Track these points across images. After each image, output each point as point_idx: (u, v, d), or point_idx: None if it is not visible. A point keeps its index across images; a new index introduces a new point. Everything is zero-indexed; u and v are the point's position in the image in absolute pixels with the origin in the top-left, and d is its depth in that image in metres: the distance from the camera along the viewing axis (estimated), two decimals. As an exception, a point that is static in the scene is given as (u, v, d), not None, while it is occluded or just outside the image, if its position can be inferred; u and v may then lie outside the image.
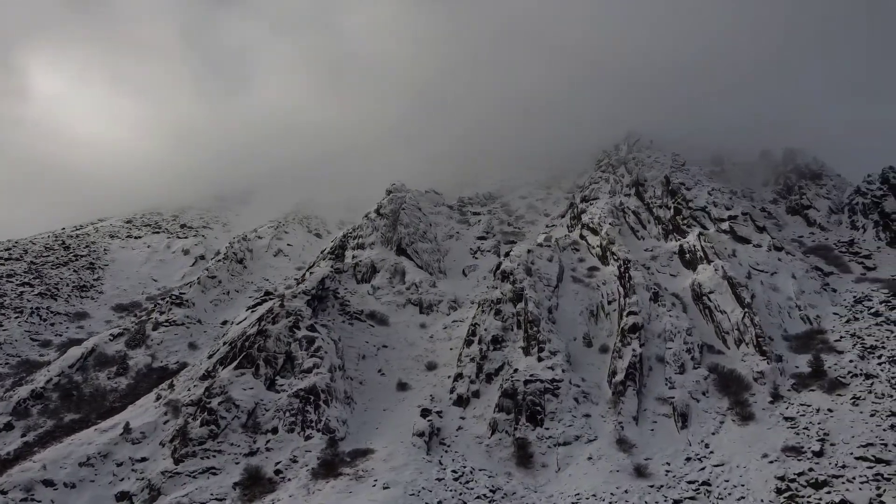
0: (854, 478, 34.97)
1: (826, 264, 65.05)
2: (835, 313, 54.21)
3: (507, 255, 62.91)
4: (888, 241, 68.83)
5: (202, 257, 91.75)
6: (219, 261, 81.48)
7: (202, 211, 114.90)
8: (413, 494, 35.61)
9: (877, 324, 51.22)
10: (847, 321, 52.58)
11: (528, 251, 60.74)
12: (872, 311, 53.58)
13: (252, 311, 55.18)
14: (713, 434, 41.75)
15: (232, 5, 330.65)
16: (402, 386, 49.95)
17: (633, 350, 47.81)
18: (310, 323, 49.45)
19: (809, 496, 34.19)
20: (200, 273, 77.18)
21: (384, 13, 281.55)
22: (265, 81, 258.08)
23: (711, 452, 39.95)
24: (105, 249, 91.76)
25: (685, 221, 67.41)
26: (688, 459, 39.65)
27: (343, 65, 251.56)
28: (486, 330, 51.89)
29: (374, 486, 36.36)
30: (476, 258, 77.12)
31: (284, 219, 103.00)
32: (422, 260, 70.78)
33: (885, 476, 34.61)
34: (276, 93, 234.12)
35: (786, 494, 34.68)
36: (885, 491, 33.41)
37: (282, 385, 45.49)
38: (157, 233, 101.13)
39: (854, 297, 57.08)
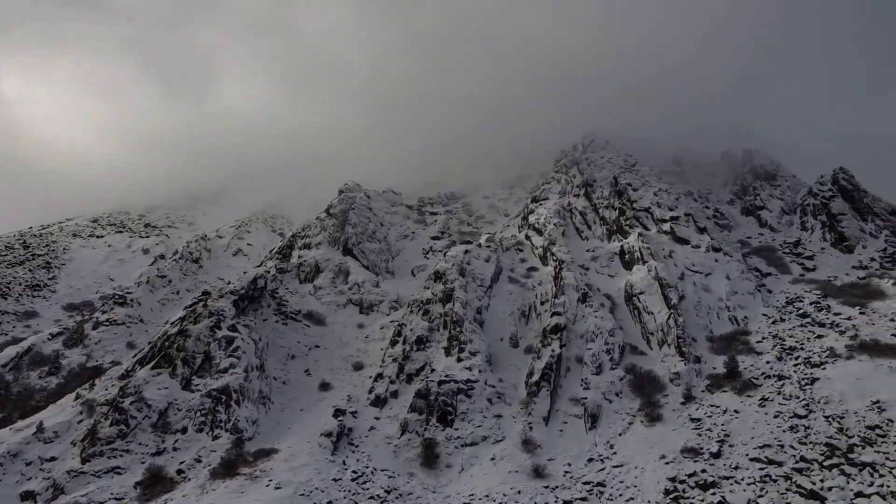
0: (742, 479, 34.97)
1: (767, 265, 65.10)
2: (764, 314, 54.22)
3: (444, 255, 62.91)
4: (832, 242, 68.80)
5: (162, 256, 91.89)
6: (174, 260, 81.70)
7: (170, 210, 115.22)
8: (303, 495, 35.64)
9: (801, 325, 51.22)
10: (773, 322, 52.59)
11: (466, 252, 60.80)
12: (801, 312, 53.58)
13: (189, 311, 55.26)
14: (620, 435, 41.76)
15: (197, 11, 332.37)
16: (325, 386, 50.06)
17: (553, 351, 47.84)
18: (231, 323, 49.50)
19: (694, 497, 34.18)
20: (150, 272, 77.19)
21: (347, 19, 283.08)
22: (231, 86, 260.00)
23: (614, 453, 39.95)
24: (65, 248, 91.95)
25: (628, 222, 67.40)
26: (590, 460, 39.66)
27: (308, 69, 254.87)
28: (411, 330, 51.96)
29: (268, 486, 36.41)
30: (427, 258, 77.18)
31: (248, 219, 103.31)
32: (368, 260, 70.85)
33: (773, 477, 34.60)
34: (243, 96, 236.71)
35: (672, 495, 34.66)
36: (766, 492, 33.40)
37: (197, 385, 45.55)
38: (121, 232, 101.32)
39: (787, 298, 57.08)
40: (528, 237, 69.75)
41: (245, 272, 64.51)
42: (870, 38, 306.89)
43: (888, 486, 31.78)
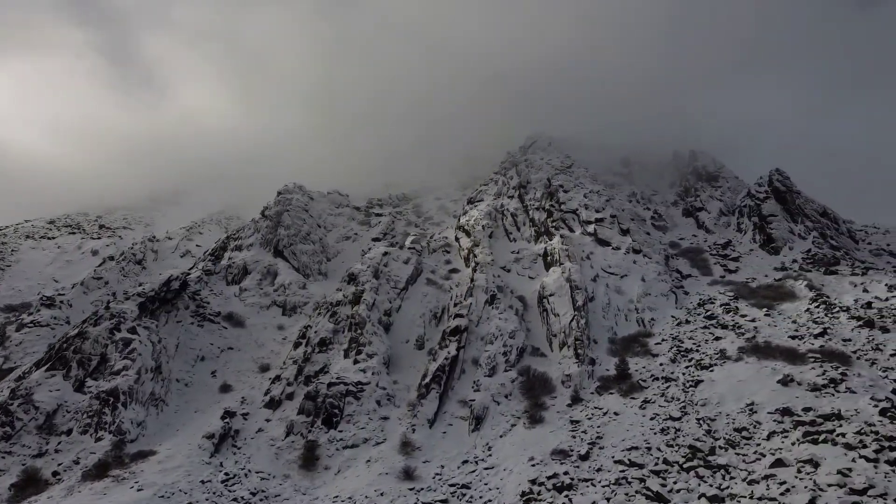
0: (600, 481, 35.03)
1: (690, 266, 65.22)
2: (673, 316, 54.28)
3: (362, 256, 63.06)
4: (761, 244, 68.95)
5: (111, 258, 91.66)
6: (116, 262, 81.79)
7: (129, 212, 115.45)
8: (163, 497, 35.74)
9: (704, 327, 51.28)
10: (679, 324, 52.66)
11: (385, 253, 60.97)
12: (708, 314, 53.65)
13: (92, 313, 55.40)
14: (501, 437, 41.82)
15: (147, 18, 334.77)
16: (226, 388, 50.18)
17: (448, 353, 47.95)
18: (132, 325, 49.63)
19: (548, 499, 34.22)
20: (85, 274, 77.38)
21: (291, 26, 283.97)
22: (186, 90, 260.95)
23: (490, 455, 40.00)
24: (13, 250, 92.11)
25: (554, 224, 67.51)
26: (465, 462, 39.72)
27: (257, 74, 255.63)
28: (315, 332, 52.10)
29: (132, 488, 36.53)
30: (364, 260, 77.20)
31: (202, 220, 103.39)
32: (299, 261, 70.95)
33: (629, 479, 34.63)
34: (198, 100, 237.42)
35: (527, 497, 34.72)
36: (615, 494, 33.46)
37: (90, 387, 45.70)
38: (73, 233, 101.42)
39: (700, 299, 57.18)
40: (457, 238, 69.92)
41: (160, 274, 64.69)
42: (844, 37, 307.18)
43: (730, 490, 31.80)
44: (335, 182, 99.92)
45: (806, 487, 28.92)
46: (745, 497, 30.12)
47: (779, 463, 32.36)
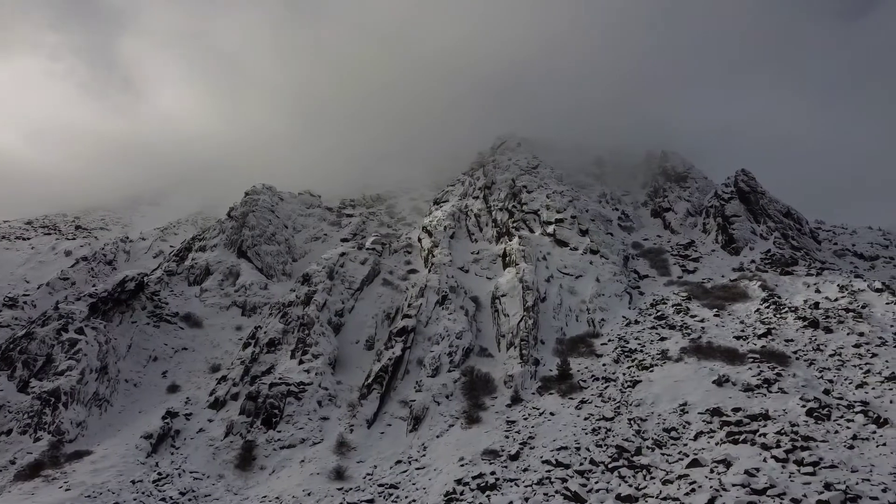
0: (524, 481, 35.11)
1: (650, 267, 65.30)
2: (624, 316, 54.34)
3: (320, 257, 63.18)
4: (723, 244, 68.98)
5: (84, 258, 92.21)
6: (86, 262, 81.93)
7: (108, 212, 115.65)
8: (89, 497, 35.88)
9: (653, 327, 51.36)
10: (628, 324, 52.74)
11: (342, 254, 61.13)
12: (659, 314, 53.71)
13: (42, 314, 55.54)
14: (437, 437, 41.90)
15: (122, 22, 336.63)
16: (174, 388, 50.33)
17: (393, 353, 48.08)
18: (80, 325, 49.81)
19: (471, 500, 34.28)
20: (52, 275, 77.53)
21: (264, 29, 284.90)
22: (166, 92, 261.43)
23: (423, 455, 40.09)
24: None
25: (515, 224, 67.61)
26: (398, 462, 39.82)
27: (235, 78, 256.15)
28: (265, 333, 52.23)
29: (60, 488, 36.70)
30: (331, 260, 77.32)
31: (178, 221, 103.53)
32: (263, 262, 71.09)
33: (552, 479, 34.73)
34: (174, 103, 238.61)
35: (449, 497, 34.77)
36: (535, 494, 33.54)
37: (34, 387, 45.86)
38: (49, 234, 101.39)
39: (654, 299, 57.26)
40: (419, 239, 70.00)
41: (118, 274, 64.87)
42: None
43: (645, 489, 31.86)
44: (314, 184, 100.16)
45: (711, 487, 28.99)
46: (654, 497, 30.20)
47: (695, 463, 32.44)
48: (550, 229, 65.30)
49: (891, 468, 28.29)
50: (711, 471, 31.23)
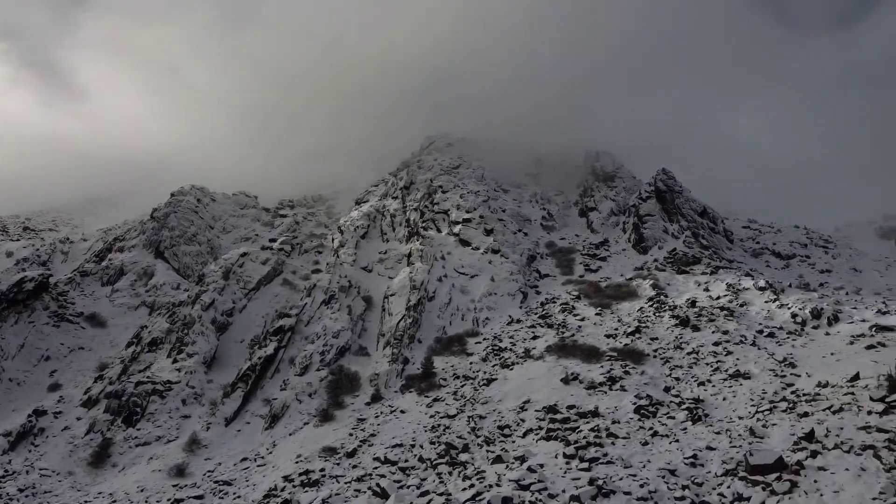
0: (346, 477, 35.48)
1: (555, 266, 65.54)
2: (510, 315, 54.58)
3: (219, 257, 63.73)
4: (634, 243, 69.14)
5: (26, 259, 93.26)
6: (16, 263, 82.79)
7: (61, 213, 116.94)
8: (-78, 493, 36.55)
9: (531, 326, 51.65)
10: (510, 323, 53.02)
11: (243, 254, 61.63)
12: (544, 313, 53.97)
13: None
14: (290, 435, 42.31)
15: (63, 28, 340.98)
16: (55, 387, 50.96)
17: (265, 352, 48.55)
18: (-39, 325, 50.54)
19: (286, 496, 34.65)
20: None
21: (198, 38, 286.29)
22: (110, 100, 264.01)
23: (270, 453, 40.47)
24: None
25: (424, 224, 67.96)
26: (243, 459, 40.25)
27: (176, 84, 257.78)
28: (149, 332, 52.81)
29: None
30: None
31: (124, 223, 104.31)
32: (180, 262, 71.70)
33: (372, 476, 35.04)
34: (123, 109, 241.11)
35: (270, 492, 35.18)
36: (347, 489, 33.87)
37: None
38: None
39: (546, 298, 57.50)
40: (332, 239, 70.48)
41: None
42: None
43: (447, 486, 32.14)
44: (262, 186, 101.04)
45: (489, 484, 29.25)
46: (441, 494, 30.47)
47: (498, 459, 32.68)
48: (457, 229, 65.67)
49: (663, 464, 28.44)
50: (507, 467, 31.47)
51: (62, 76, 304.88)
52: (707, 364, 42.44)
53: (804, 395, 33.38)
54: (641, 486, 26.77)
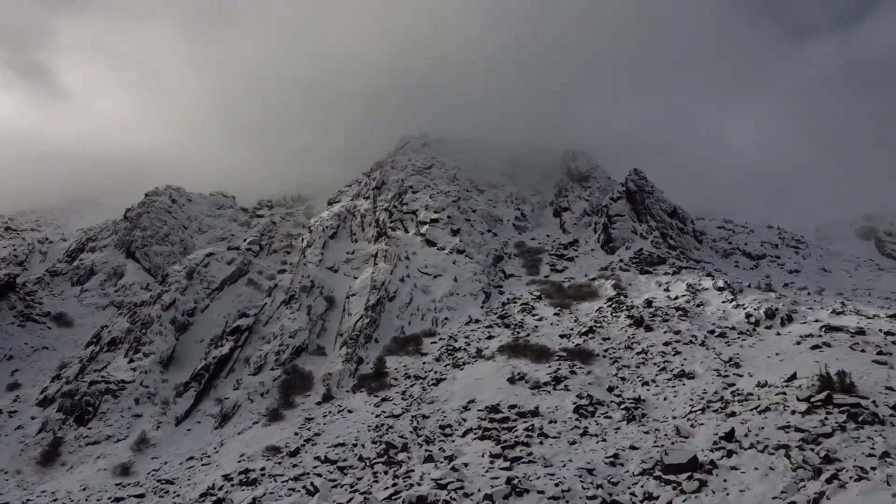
0: (283, 476, 35.63)
1: (521, 267, 65.67)
2: (470, 315, 54.65)
3: (184, 258, 63.97)
4: (602, 244, 69.26)
5: (3, 259, 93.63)
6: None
7: (45, 213, 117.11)
8: None
9: (489, 326, 51.77)
10: (468, 323, 53.13)
11: (209, 254, 61.89)
12: (503, 313, 54.07)
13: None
14: (238, 434, 42.47)
15: (40, 33, 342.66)
16: (14, 386, 51.14)
17: (220, 352, 48.75)
18: (-81, 325, 50.83)
19: (222, 495, 34.82)
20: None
21: (175, 40, 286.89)
22: (94, 102, 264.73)
23: (216, 452, 40.65)
24: None
25: (392, 224, 68.13)
26: (190, 458, 40.45)
27: (156, 87, 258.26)
28: (109, 332, 53.06)
29: None
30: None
31: (105, 222, 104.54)
32: (151, 263, 71.96)
33: (310, 474, 35.23)
34: (107, 110, 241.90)
35: (209, 492, 35.35)
36: (283, 488, 34.03)
37: None
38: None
39: (509, 298, 57.63)
40: (302, 239, 70.68)
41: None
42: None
43: (371, 486, 32.30)
44: (242, 186, 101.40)
45: (411, 483, 29.40)
46: (364, 493, 30.63)
47: (429, 458, 32.85)
48: (424, 229, 65.84)
49: (583, 463, 28.57)
50: (435, 466, 31.62)
51: (45, 78, 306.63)
52: (654, 364, 42.56)
53: (740, 395, 33.59)
54: (556, 485, 26.91)
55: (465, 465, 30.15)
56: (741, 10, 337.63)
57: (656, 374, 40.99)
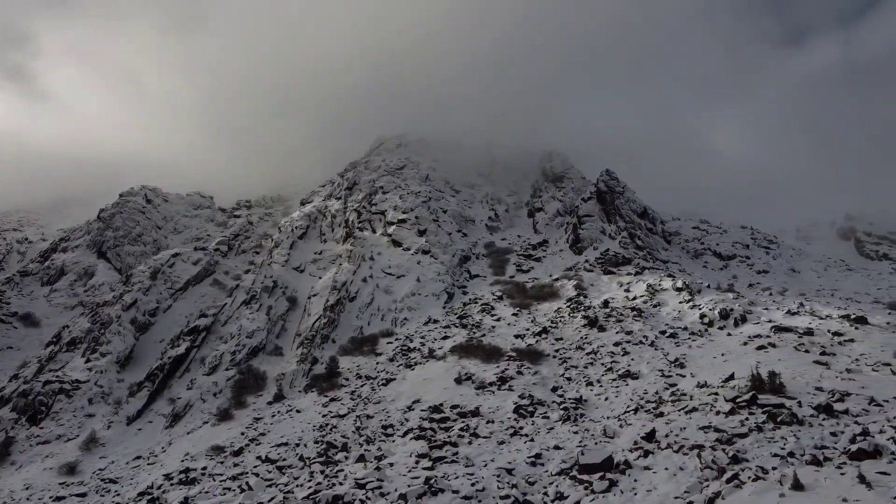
0: (221, 475, 35.81)
1: (488, 267, 65.81)
2: (430, 316, 54.76)
3: (150, 258, 64.18)
4: (571, 244, 69.33)
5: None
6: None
7: (28, 214, 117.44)
8: None
9: (446, 326, 51.90)
10: (426, 323, 53.27)
11: (175, 254, 62.06)
12: (463, 313, 54.20)
13: None
14: (187, 434, 42.68)
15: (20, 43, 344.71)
16: (-28, 386, 51.47)
17: (177, 351, 48.95)
18: None
19: (159, 494, 35.01)
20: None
21: (153, 42, 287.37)
22: (79, 104, 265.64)
23: (164, 451, 40.89)
24: None
25: (361, 225, 68.31)
26: (137, 458, 40.64)
27: (136, 89, 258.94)
28: (69, 332, 53.29)
29: None
30: (203, 261, 78.40)
31: (87, 222, 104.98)
32: (122, 263, 72.21)
33: (248, 474, 35.41)
34: (92, 111, 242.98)
35: (147, 490, 35.50)
36: (219, 487, 34.18)
37: None
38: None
39: (471, 298, 57.76)
40: (271, 239, 70.86)
41: None
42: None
43: (294, 485, 32.46)
44: (222, 186, 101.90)
45: (333, 482, 29.58)
46: (287, 493, 30.81)
47: (361, 458, 33.02)
48: (391, 230, 66.00)
49: (504, 463, 28.72)
50: (364, 466, 31.79)
51: (27, 80, 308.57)
52: (602, 364, 42.69)
53: (676, 395, 33.68)
54: (473, 484, 27.05)
55: (391, 464, 30.33)
56: (736, 11, 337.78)
57: (602, 375, 41.13)
